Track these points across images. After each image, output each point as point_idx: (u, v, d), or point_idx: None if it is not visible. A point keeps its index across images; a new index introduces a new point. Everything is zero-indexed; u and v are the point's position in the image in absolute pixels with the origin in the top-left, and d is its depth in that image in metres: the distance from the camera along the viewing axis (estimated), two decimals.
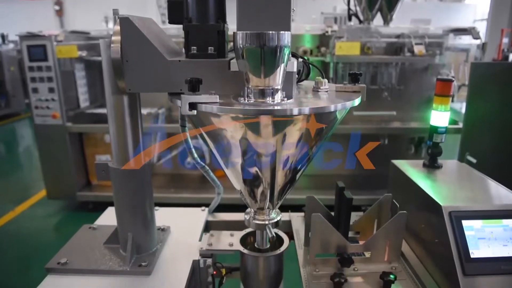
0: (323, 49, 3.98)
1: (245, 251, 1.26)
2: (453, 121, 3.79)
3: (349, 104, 1.00)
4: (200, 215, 1.67)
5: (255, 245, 1.33)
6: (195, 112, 0.94)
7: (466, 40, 3.96)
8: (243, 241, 1.35)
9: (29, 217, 4.57)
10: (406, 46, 3.79)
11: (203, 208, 1.69)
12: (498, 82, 2.87)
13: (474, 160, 3.01)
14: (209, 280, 1.36)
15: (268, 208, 1.26)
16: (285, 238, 1.33)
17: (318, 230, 1.27)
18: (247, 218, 1.27)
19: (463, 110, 3.59)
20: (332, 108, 0.96)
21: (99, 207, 1.73)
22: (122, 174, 1.26)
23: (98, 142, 4.33)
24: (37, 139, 4.27)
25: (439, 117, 1.54)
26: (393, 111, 3.78)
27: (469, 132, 3.20)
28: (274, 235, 1.20)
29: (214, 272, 1.39)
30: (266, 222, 1.24)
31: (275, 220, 1.25)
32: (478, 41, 3.71)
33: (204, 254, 1.36)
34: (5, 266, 3.47)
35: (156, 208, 1.70)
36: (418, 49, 3.67)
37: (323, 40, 4.04)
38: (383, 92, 3.94)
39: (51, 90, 3.94)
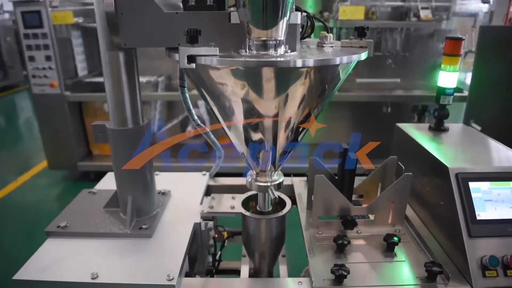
0: (326, 14, 3.85)
1: (247, 213, 1.24)
2: (457, 89, 3.72)
3: (355, 58, 0.95)
4: (201, 180, 1.64)
5: (257, 208, 1.30)
6: (193, 65, 0.89)
7: (473, 5, 3.83)
8: (245, 204, 1.33)
9: (31, 188, 4.58)
10: (411, 11, 3.67)
11: (204, 172, 1.66)
12: (508, 47, 2.78)
13: (478, 128, 2.95)
14: (210, 243, 1.34)
15: (270, 170, 1.23)
16: (287, 201, 1.30)
17: (321, 191, 1.24)
18: (249, 180, 1.24)
19: (468, 81, 3.51)
20: (337, 61, 0.90)
21: (100, 177, 1.71)
22: (120, 134, 1.22)
23: (98, 112, 4.28)
24: (35, 109, 4.22)
25: (448, 77, 1.49)
26: (397, 79, 3.71)
27: (475, 99, 3.14)
28: (277, 196, 1.17)
29: (216, 235, 1.38)
30: (268, 184, 1.21)
31: (277, 182, 1.22)
32: (486, 6, 3.58)
33: (205, 217, 1.34)
34: (9, 234, 3.50)
35: (156, 173, 1.68)
36: (424, 13, 3.55)
37: (326, 5, 3.92)
38: (387, 59, 3.85)
39: (48, 58, 3.85)
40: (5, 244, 3.27)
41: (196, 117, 1.35)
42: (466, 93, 3.47)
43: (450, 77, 1.48)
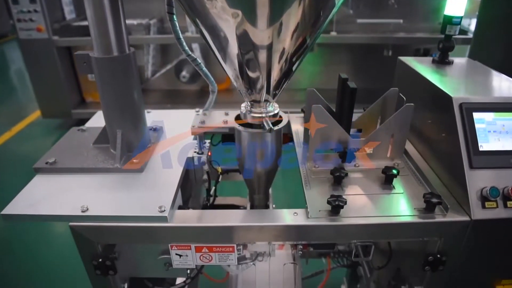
0: None
1: (241, 128, 1.17)
2: (462, 31, 3.58)
3: None
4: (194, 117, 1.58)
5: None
6: None
7: None
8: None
9: (26, 137, 4.54)
10: None
11: (197, 109, 1.60)
12: None
13: None
14: (204, 177, 1.31)
15: (265, 101, 1.17)
16: (284, 117, 1.23)
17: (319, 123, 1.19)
18: (243, 111, 1.18)
19: (472, 27, 3.37)
20: None
21: None
22: (105, 63, 1.14)
23: None
24: (24, 56, 4.08)
25: (456, 4, 1.38)
26: (399, 20, 3.54)
27: (480, 38, 3.01)
28: (272, 127, 1.11)
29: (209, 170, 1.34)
30: (263, 115, 1.15)
31: (272, 113, 1.16)
32: None
33: (195, 132, 1.28)
34: (5, 183, 3.49)
35: (148, 110, 1.62)
36: None
37: None
38: None
39: (32, 0, 3.66)
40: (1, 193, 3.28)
41: (186, 47, 1.27)
42: (470, 35, 3.33)
43: (459, 3, 1.38)
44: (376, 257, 1.73)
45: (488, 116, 1.17)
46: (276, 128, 1.16)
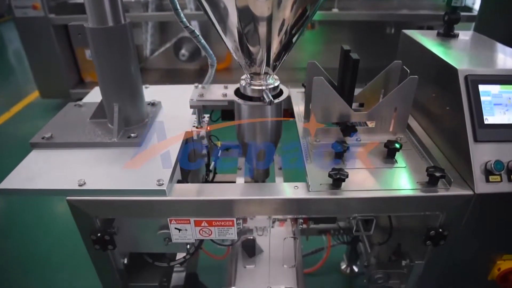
0: None
1: (240, 101, 1.15)
2: (466, 8, 3.51)
3: None
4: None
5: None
6: None
7: None
8: (239, 94, 1.23)
9: (25, 117, 4.52)
10: None
11: (196, 84, 1.56)
12: None
13: None
14: (203, 152, 1.29)
15: (265, 73, 1.14)
16: (285, 90, 1.21)
17: (320, 95, 1.16)
18: (243, 84, 1.15)
19: (477, 7, 3.29)
20: None
21: None
22: (100, 34, 1.11)
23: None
24: (20, 35, 4.01)
25: None
26: None
27: (485, 15, 2.95)
28: (272, 100, 1.09)
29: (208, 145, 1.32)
30: (263, 88, 1.12)
31: (273, 85, 1.13)
32: None
33: (194, 106, 1.25)
34: (4, 164, 3.48)
35: (146, 85, 1.59)
36: None
37: None
38: None
39: None
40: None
41: (184, 19, 1.23)
42: (475, 12, 3.27)
43: None
44: (376, 233, 1.73)
45: (494, 88, 1.14)
46: (276, 101, 1.13)
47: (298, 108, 1.45)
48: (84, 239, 1.14)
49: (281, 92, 1.19)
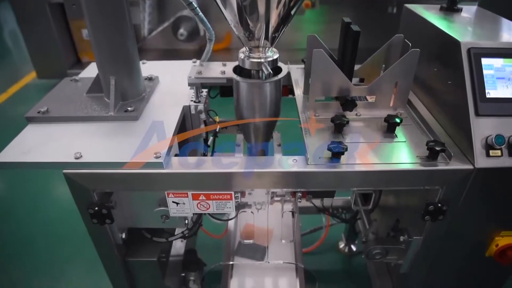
0: None
1: (238, 78, 1.12)
2: None
3: None
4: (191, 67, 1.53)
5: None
6: None
7: None
8: (238, 72, 1.21)
9: (22, 98, 4.48)
10: None
11: (194, 60, 1.54)
12: None
13: None
14: (201, 127, 1.27)
15: (264, 46, 1.11)
16: (284, 67, 1.18)
17: (320, 68, 1.14)
18: (242, 57, 1.13)
19: None
20: None
21: None
22: (94, 2, 1.08)
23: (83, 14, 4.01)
24: (16, 14, 3.95)
25: None
26: None
27: None
28: (271, 72, 1.07)
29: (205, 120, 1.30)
30: (262, 60, 1.10)
31: (272, 58, 1.11)
32: None
33: (193, 83, 1.23)
34: (1, 145, 3.47)
35: (143, 61, 1.56)
36: None
37: None
38: None
39: None
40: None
41: None
42: None
43: None
44: (375, 213, 1.73)
45: (497, 62, 1.12)
46: (275, 78, 1.11)
47: (298, 83, 1.42)
48: (82, 213, 1.13)
49: (280, 70, 1.16)
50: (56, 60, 4.09)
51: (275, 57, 1.13)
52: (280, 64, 1.16)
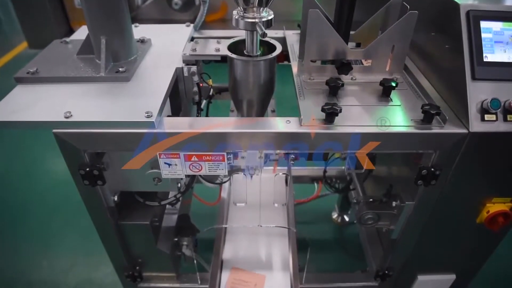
0: None
1: (233, 55, 1.11)
2: None
3: None
4: (184, 30, 1.49)
5: (245, 52, 1.18)
6: None
7: None
8: (232, 50, 1.20)
9: (13, 69, 4.39)
10: None
11: (187, 24, 1.51)
12: None
13: None
14: (194, 90, 1.25)
15: (258, 6, 1.08)
16: (278, 45, 1.17)
17: (315, 30, 1.12)
18: (236, 17, 1.10)
19: None
20: None
21: None
22: None
23: None
24: None
25: None
26: None
27: None
28: (265, 32, 1.04)
29: (201, 85, 1.28)
30: (256, 20, 1.07)
31: (266, 18, 1.08)
32: None
33: (188, 61, 1.22)
34: None
35: (136, 24, 1.53)
36: None
37: None
38: None
39: None
40: None
41: None
42: None
43: None
44: (368, 183, 1.73)
45: (496, 25, 1.10)
46: (269, 56, 1.09)
47: (293, 48, 1.40)
48: (73, 174, 1.12)
49: (274, 48, 1.14)
50: (48, 30, 4.00)
51: (269, 17, 1.10)
52: (273, 41, 1.14)
